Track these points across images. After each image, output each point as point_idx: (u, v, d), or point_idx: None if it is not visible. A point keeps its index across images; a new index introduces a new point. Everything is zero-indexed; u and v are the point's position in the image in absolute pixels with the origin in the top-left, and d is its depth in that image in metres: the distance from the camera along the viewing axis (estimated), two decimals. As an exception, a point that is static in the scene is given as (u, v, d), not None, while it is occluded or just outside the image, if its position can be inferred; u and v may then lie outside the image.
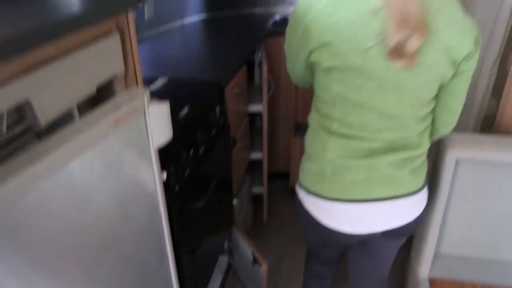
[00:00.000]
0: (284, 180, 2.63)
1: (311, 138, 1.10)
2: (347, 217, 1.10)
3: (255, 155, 2.18)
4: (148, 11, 2.20)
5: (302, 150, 1.16)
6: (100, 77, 0.73)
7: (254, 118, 2.27)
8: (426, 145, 1.08)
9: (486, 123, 1.89)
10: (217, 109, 1.51)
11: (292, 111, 2.42)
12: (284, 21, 2.68)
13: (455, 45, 0.92)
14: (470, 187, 1.41)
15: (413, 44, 0.87)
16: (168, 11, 2.40)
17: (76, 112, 0.73)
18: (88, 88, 0.70)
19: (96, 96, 0.77)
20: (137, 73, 0.78)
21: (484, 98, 1.92)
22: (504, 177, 1.37)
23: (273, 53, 2.24)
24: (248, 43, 2.08)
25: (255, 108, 2.01)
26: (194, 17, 2.64)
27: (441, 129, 1.12)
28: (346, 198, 1.06)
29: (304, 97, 2.36)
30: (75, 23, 0.61)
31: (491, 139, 1.39)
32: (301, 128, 2.43)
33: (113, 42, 0.75)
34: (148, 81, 1.52)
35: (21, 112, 0.62)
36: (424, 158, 1.10)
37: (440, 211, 1.43)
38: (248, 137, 2.08)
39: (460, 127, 1.98)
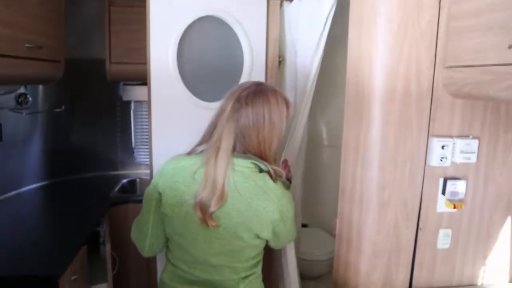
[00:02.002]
0: None
1: None
2: None
3: None
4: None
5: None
6: None
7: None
8: None
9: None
10: (48, 309, 1.33)
11: (143, 281, 2.27)
12: (132, 185, 2.67)
13: (252, 228, 1.12)
14: None
15: (212, 206, 1.09)
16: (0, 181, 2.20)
17: None
18: None
19: None
20: None
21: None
22: None
23: (120, 222, 2.15)
24: (90, 215, 1.98)
25: (99, 288, 1.84)
26: (33, 185, 2.46)
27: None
28: None
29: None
30: None
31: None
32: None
33: None
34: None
35: None
36: None
37: None
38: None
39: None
